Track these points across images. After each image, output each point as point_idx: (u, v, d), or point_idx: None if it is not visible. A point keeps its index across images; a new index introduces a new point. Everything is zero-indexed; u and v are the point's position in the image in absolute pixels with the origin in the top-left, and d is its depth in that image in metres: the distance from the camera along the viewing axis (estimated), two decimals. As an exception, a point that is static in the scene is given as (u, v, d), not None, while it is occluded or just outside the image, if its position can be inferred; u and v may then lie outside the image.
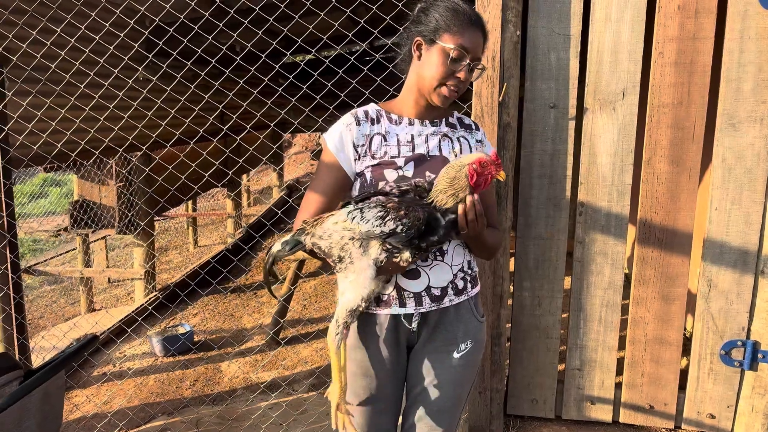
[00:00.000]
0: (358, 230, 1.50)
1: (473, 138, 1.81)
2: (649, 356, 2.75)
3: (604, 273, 2.72)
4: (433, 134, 1.75)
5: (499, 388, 2.79)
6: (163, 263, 8.72)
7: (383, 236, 1.48)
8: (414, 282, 1.69)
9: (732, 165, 2.54)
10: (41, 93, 3.25)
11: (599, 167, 2.64)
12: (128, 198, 5.86)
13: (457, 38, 1.60)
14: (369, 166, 1.69)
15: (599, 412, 2.85)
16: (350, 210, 1.55)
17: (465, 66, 1.62)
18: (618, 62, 2.55)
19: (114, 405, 3.99)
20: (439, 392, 1.78)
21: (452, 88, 1.65)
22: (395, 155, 1.70)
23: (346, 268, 1.54)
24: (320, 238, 1.57)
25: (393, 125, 1.74)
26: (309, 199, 1.73)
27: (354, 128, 1.71)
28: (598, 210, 2.67)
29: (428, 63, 1.65)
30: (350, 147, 1.70)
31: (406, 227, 1.47)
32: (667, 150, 2.57)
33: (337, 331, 1.57)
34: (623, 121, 2.58)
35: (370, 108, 1.78)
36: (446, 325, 1.74)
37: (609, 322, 2.75)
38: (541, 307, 2.80)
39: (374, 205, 1.52)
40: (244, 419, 3.52)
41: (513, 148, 2.60)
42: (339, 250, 1.53)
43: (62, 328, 6.02)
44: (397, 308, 1.70)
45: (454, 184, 1.50)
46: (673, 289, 2.68)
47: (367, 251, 1.51)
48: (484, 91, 2.51)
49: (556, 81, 2.60)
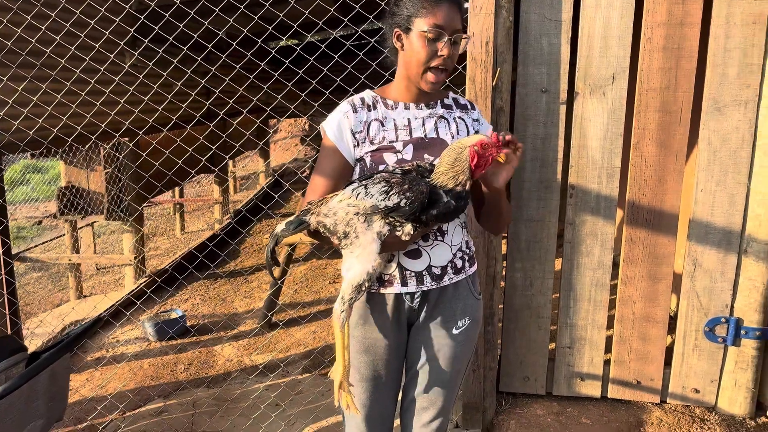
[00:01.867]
0: (363, 206, 1.55)
1: (470, 117, 1.86)
2: (636, 334, 2.84)
3: (593, 254, 2.80)
4: (430, 117, 1.79)
5: (492, 366, 2.87)
6: (151, 249, 8.71)
7: (387, 210, 1.53)
8: (416, 261, 1.74)
9: (717, 148, 2.62)
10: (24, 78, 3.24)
11: (589, 150, 2.71)
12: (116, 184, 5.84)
13: (429, 19, 1.63)
14: (368, 152, 1.74)
15: (589, 388, 2.94)
16: (354, 186, 1.59)
17: (445, 42, 1.65)
18: (608, 47, 2.60)
19: (110, 389, 4.03)
20: (438, 367, 1.84)
21: (440, 67, 1.68)
22: (393, 139, 1.74)
23: (352, 243, 1.58)
24: (325, 216, 1.61)
25: (389, 110, 1.78)
26: (313, 183, 1.78)
27: (351, 116, 1.75)
28: (588, 192, 2.74)
29: (410, 51, 1.69)
30: (349, 134, 1.74)
31: (409, 201, 1.51)
32: (655, 133, 2.65)
33: (342, 308, 1.61)
34: (613, 105, 2.65)
35: (366, 94, 1.82)
36: (446, 303, 1.81)
37: (598, 301, 2.84)
38: (533, 288, 2.87)
39: (378, 180, 1.57)
40: (242, 400, 3.57)
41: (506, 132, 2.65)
42: (344, 226, 1.57)
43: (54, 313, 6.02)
44: (399, 287, 1.76)
45: (455, 165, 1.54)
46: (660, 269, 2.76)
47: (371, 225, 1.55)
48: (478, 76, 2.55)
49: (547, 66, 2.65)
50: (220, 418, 3.41)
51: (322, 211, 1.63)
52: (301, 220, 1.69)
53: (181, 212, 9.45)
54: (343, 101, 1.81)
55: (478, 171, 1.56)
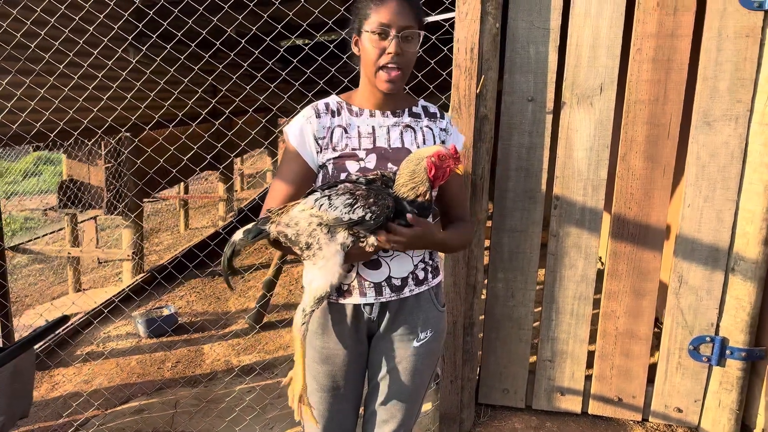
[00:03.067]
0: (326, 217, 1.51)
1: (437, 126, 1.81)
2: (619, 349, 2.79)
3: (577, 266, 2.75)
4: (395, 125, 1.75)
5: (471, 377, 2.82)
6: (154, 244, 8.74)
7: (351, 223, 1.50)
8: (374, 272, 1.71)
9: (706, 163, 2.56)
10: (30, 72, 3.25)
11: (575, 161, 2.66)
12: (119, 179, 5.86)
13: (375, 18, 1.61)
14: (331, 159, 1.70)
15: (569, 403, 2.89)
16: (317, 197, 1.55)
17: (393, 38, 1.61)
18: (596, 57, 2.55)
19: (94, 384, 4.03)
20: (399, 380, 1.81)
21: (390, 66, 1.63)
22: (356, 147, 1.71)
23: (315, 255, 1.54)
24: (287, 225, 1.57)
25: (354, 117, 1.74)
26: (274, 189, 1.74)
27: (314, 121, 1.71)
28: (573, 204, 2.69)
29: (363, 52, 1.68)
30: (311, 140, 1.71)
31: (374, 215, 1.48)
32: (643, 146, 2.59)
33: (303, 320, 1.59)
34: (600, 116, 2.60)
35: (331, 100, 1.78)
36: (406, 314, 1.77)
37: (581, 315, 2.79)
38: (515, 299, 2.83)
39: (342, 192, 1.53)
40: (222, 401, 3.56)
41: (490, 141, 2.61)
42: (307, 236, 1.53)
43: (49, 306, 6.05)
44: (358, 297, 1.72)
45: (414, 177, 1.52)
46: (645, 284, 2.71)
47: (334, 237, 1.52)
48: (462, 83, 2.52)
49: (534, 74, 2.61)
50: (200, 419, 3.39)
51: (283, 220, 1.58)
52: (260, 229, 1.64)
53: (185, 208, 9.48)
54: (307, 106, 1.77)
55: (437, 182, 1.53)
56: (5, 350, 2.05)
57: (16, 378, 2.07)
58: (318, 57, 3.22)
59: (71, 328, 4.78)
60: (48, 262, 8.18)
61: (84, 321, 4.96)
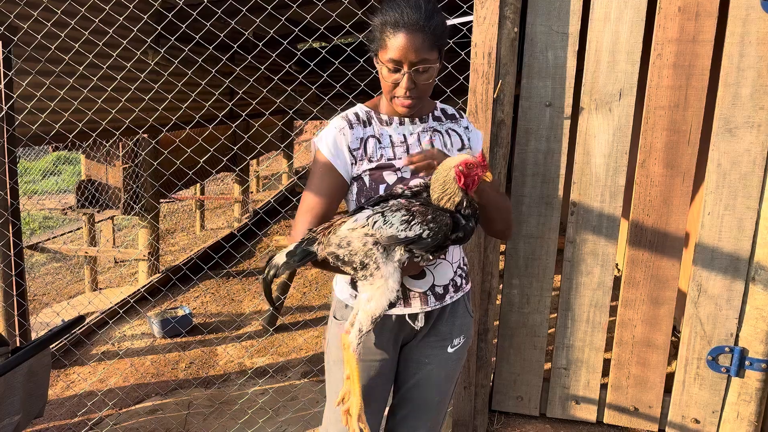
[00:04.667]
0: (381, 235, 1.44)
1: (460, 127, 1.80)
2: (635, 358, 2.75)
3: (593, 273, 2.71)
4: (424, 132, 1.73)
5: (485, 384, 2.80)
6: (170, 245, 8.80)
7: (407, 241, 1.44)
8: (420, 281, 1.69)
9: (727, 170, 2.52)
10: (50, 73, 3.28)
11: (593, 167, 2.63)
12: (134, 180, 5.91)
13: (386, 51, 1.56)
14: (367, 170, 1.66)
15: (584, 412, 2.86)
16: (370, 214, 1.48)
17: (404, 75, 1.56)
18: (616, 62, 2.53)
19: (109, 383, 4.06)
20: (432, 386, 1.80)
21: (403, 97, 1.61)
22: (391, 157, 1.68)
23: (372, 274, 1.46)
24: (338, 246, 1.48)
25: (384, 126, 1.71)
26: (307, 204, 1.67)
27: (348, 132, 1.67)
28: (590, 210, 2.66)
29: (380, 77, 1.64)
30: (346, 151, 1.66)
31: (432, 232, 1.43)
32: (662, 153, 2.56)
33: (359, 340, 1.52)
34: (619, 122, 2.57)
35: (360, 110, 1.75)
36: (444, 322, 1.76)
37: (597, 322, 2.75)
38: (530, 305, 2.80)
39: (397, 208, 1.47)
40: (236, 403, 3.56)
41: (507, 146, 2.59)
42: (363, 256, 1.45)
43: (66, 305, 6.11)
44: (403, 308, 1.70)
45: (446, 188, 1.48)
46: (663, 293, 2.67)
47: (391, 255, 1.46)
48: (479, 87, 2.50)
49: (552, 79, 2.59)
50: (213, 420, 3.40)
51: (333, 241, 1.49)
52: (308, 251, 1.53)
53: (201, 209, 9.53)
54: (335, 117, 1.73)
55: (470, 189, 1.48)
56: (20, 350, 2.07)
57: (31, 378, 2.09)
58: (335, 60, 3.22)
59: (87, 328, 4.81)
60: (65, 260, 8.27)
61: (99, 320, 5.00)
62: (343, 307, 1.79)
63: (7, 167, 3.38)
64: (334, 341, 1.80)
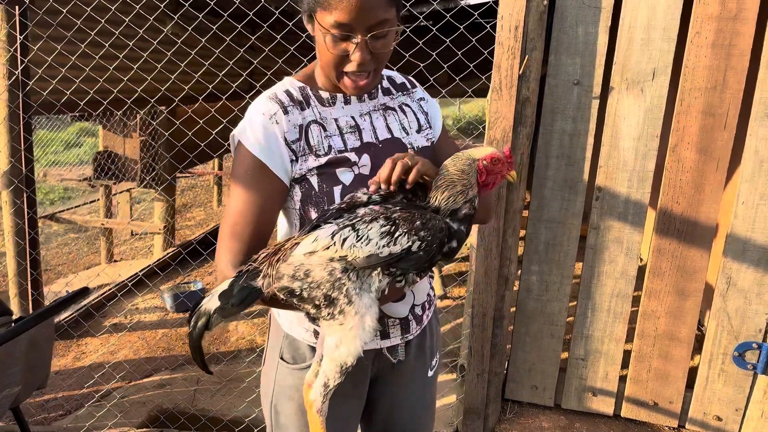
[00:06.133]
0: (355, 256, 1.08)
1: (413, 100, 1.44)
2: (657, 351, 2.64)
3: (617, 262, 2.60)
4: (375, 110, 1.36)
5: (499, 372, 2.71)
6: (186, 219, 8.80)
7: (393, 259, 1.09)
8: (399, 304, 1.36)
9: (765, 157, 2.38)
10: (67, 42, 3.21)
11: (621, 151, 2.50)
12: (152, 152, 5.87)
13: (328, 12, 1.14)
14: (313, 169, 1.25)
15: (600, 404, 2.76)
16: (335, 230, 1.11)
17: (358, 43, 1.16)
18: (650, 40, 2.38)
19: (119, 356, 4.04)
20: (415, 416, 1.53)
21: (356, 74, 1.21)
22: (342, 149, 1.28)
23: (342, 311, 1.10)
24: (293, 278, 1.10)
25: (327, 107, 1.31)
26: (233, 223, 1.24)
27: (282, 118, 1.24)
28: (616, 196, 2.54)
29: (317, 45, 1.23)
30: (282, 145, 1.24)
31: (425, 242, 1.10)
32: (696, 137, 2.42)
33: (325, 398, 1.17)
34: (651, 103, 2.43)
35: (291, 86, 1.31)
36: (420, 344, 1.47)
37: (618, 313, 2.64)
38: (549, 293, 2.69)
39: (372, 217, 1.12)
40: (243, 380, 3.52)
41: (531, 125, 2.47)
42: (329, 289, 1.09)
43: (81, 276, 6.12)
44: (379, 341, 1.36)
45: (460, 181, 1.18)
46: (690, 284, 2.55)
47: (367, 282, 1.11)
48: (504, 62, 2.38)
49: (582, 56, 2.45)
50: (220, 397, 3.36)
51: (285, 271, 1.10)
52: (250, 288, 1.12)
53: (219, 185, 9.51)
54: (261, 97, 1.28)
55: (484, 190, 1.22)
56: (23, 320, 2.02)
57: (33, 349, 2.04)
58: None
59: (99, 300, 4.80)
60: (83, 232, 8.30)
61: (112, 293, 4.99)
62: (294, 347, 1.39)
63: (22, 134, 3.33)
64: (284, 394, 1.40)
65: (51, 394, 3.52)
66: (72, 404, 3.44)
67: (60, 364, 4.02)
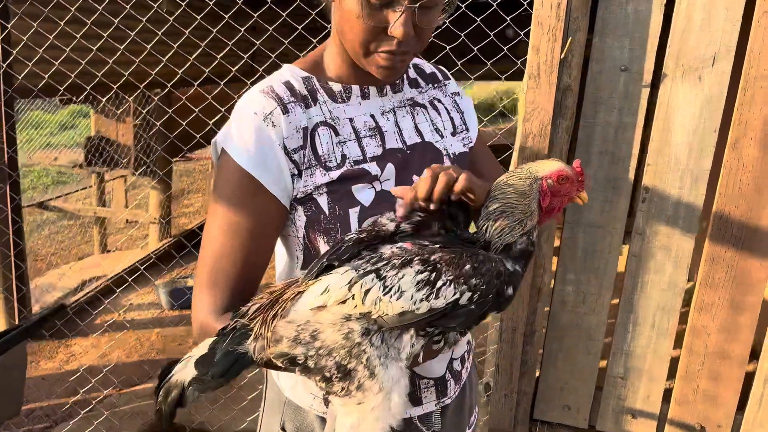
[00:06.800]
0: (382, 313, 0.81)
1: (447, 94, 1.18)
2: (707, 371, 2.37)
3: (664, 271, 2.32)
4: (401, 106, 1.09)
5: (528, 391, 2.45)
6: (184, 206, 8.51)
7: (434, 316, 0.82)
8: (434, 361, 1.08)
9: (838, 156, 2.09)
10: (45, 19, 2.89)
11: (673, 147, 2.21)
12: (146, 139, 5.56)
13: None
14: (322, 185, 0.98)
15: (640, 427, 2.50)
16: (353, 277, 0.83)
17: (402, 11, 0.89)
18: (711, 20, 2.08)
19: (112, 358, 3.78)
20: None
21: (393, 52, 0.93)
22: (360, 158, 1.00)
23: (361, 387, 0.83)
24: (295, 342, 0.83)
25: (339, 103, 1.02)
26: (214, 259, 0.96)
27: (281, 120, 0.96)
28: (665, 197, 2.25)
29: (341, 17, 0.95)
30: (280, 155, 0.96)
31: (479, 293, 0.83)
32: (760, 132, 2.12)
33: None
34: (710, 92, 2.13)
35: (292, 76, 1.02)
36: (460, 404, 1.21)
37: (664, 328, 2.37)
38: (586, 305, 2.42)
39: (403, 260, 0.83)
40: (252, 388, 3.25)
41: (571, 117, 2.18)
42: (345, 357, 0.82)
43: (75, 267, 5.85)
44: (410, 409, 1.09)
45: (522, 203, 0.91)
46: (746, 297, 2.27)
47: (395, 346, 0.84)
48: (544, 45, 2.07)
49: (631, 38, 2.15)
50: (223, 408, 3.09)
51: (284, 332, 0.84)
52: (236, 354, 0.86)
53: (217, 170, 9.22)
54: (252, 92, 1.00)
55: (547, 217, 0.95)
56: None
57: (4, 375, 1.76)
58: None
59: (90, 296, 4.52)
60: (76, 219, 8.01)
61: (104, 288, 4.71)
62: (299, 417, 1.12)
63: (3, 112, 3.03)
64: None
65: (36, 403, 3.26)
66: (59, 415, 3.18)
67: (47, 367, 3.76)
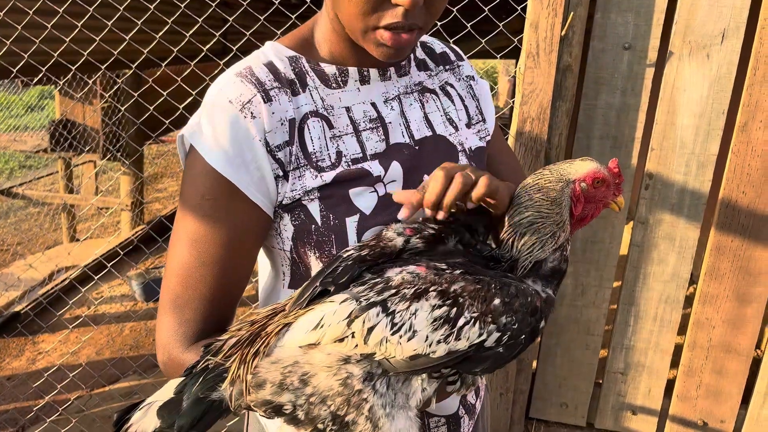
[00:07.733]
0: (391, 356, 0.67)
1: (460, 77, 1.01)
2: (710, 365, 2.26)
3: (667, 262, 2.19)
4: (408, 92, 0.92)
5: (524, 389, 2.33)
6: (157, 191, 8.24)
7: (453, 360, 0.68)
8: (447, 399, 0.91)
9: None
10: None
11: (678, 130, 2.07)
12: (113, 122, 5.29)
13: None
14: (313, 189, 0.82)
15: (641, 424, 2.39)
16: (355, 309, 0.68)
17: None
18: (721, -7, 1.93)
19: (83, 356, 3.58)
20: None
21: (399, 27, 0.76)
22: (358, 155, 0.85)
23: None
24: (281, 387, 0.68)
25: (334, 89, 0.86)
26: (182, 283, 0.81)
27: (261, 110, 0.79)
28: (670, 184, 2.12)
29: None
30: (260, 152, 0.79)
31: (508, 333, 0.68)
32: (771, 114, 1.99)
33: None
34: (718, 72, 1.99)
35: (277, 56, 0.85)
36: None
37: (666, 321, 2.25)
38: (585, 298, 2.29)
39: (415, 289, 0.68)
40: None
41: (571, 99, 2.03)
42: (342, 406, 0.67)
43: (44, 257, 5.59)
44: None
45: (553, 212, 0.78)
46: (753, 289, 2.16)
47: (402, 392, 0.69)
48: (543, 21, 1.91)
49: (635, 14, 1.99)
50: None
51: (267, 374, 0.68)
52: (208, 402, 0.70)
53: (191, 153, 8.94)
54: (227, 75, 0.82)
55: (578, 226, 0.82)
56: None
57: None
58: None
59: (60, 288, 4.29)
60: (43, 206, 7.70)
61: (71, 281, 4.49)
62: None
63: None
64: None
65: (2, 405, 3.06)
66: (27, 419, 2.99)
67: (12, 367, 3.55)
